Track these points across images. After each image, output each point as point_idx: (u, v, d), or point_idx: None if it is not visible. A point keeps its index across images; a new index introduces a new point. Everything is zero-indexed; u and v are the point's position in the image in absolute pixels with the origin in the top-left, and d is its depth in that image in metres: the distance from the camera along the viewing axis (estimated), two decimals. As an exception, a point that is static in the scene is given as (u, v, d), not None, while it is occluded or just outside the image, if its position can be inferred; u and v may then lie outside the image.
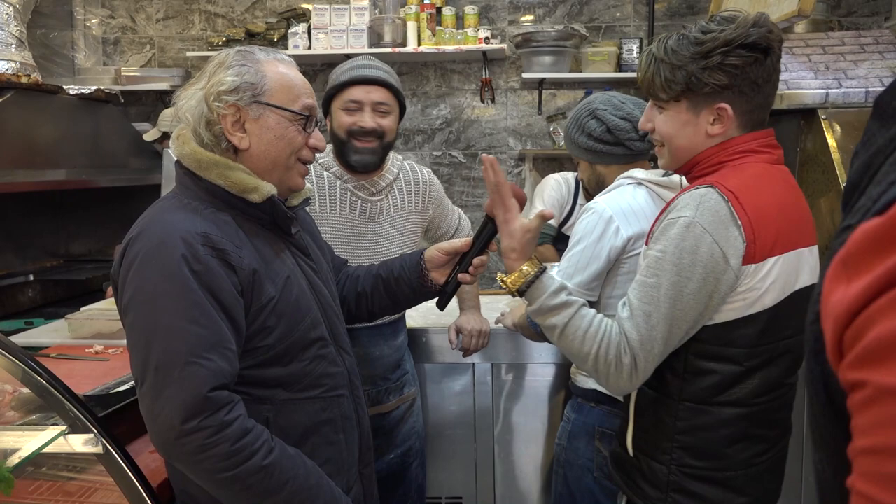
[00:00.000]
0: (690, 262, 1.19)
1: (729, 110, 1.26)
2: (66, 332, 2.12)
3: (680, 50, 1.26)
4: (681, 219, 1.21)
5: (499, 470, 2.26)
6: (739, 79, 1.24)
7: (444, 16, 3.71)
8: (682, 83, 1.26)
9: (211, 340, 1.10)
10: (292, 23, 3.69)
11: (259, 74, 1.23)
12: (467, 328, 2.03)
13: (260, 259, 1.21)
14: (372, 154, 1.78)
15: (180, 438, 1.05)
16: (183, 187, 1.25)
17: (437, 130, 3.96)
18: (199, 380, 1.06)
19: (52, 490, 1.48)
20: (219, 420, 1.06)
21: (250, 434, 1.10)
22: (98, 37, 3.95)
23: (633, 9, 3.82)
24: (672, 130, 1.32)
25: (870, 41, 2.53)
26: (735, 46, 1.22)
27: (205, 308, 1.10)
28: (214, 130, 1.22)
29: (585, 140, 1.78)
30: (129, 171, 3.53)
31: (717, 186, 1.22)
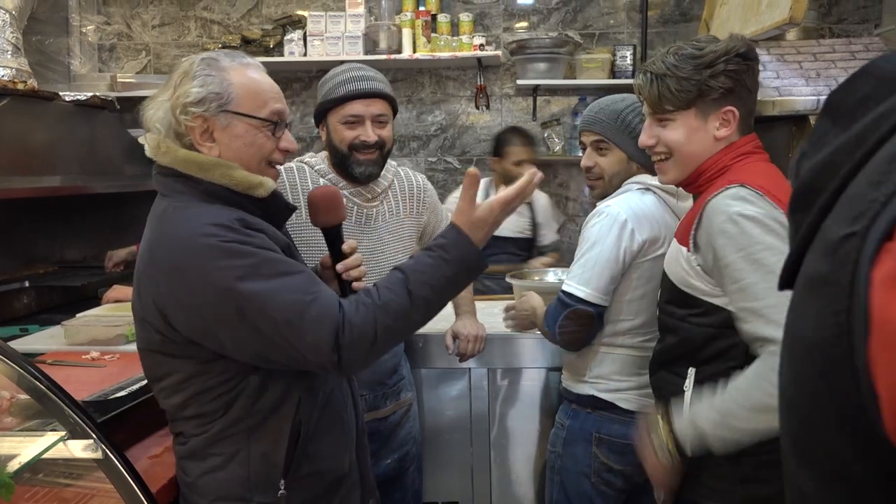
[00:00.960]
0: (773, 238, 1.25)
1: (736, 112, 1.38)
2: (62, 338, 2.12)
3: (681, 63, 1.38)
4: (731, 214, 1.28)
5: (495, 474, 2.26)
6: (739, 84, 1.37)
7: (438, 23, 3.73)
8: (693, 91, 1.36)
9: (310, 277, 1.19)
10: (288, 30, 3.70)
11: (225, 83, 1.22)
12: (463, 333, 2.04)
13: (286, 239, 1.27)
14: (374, 165, 1.80)
15: (342, 359, 1.14)
16: (177, 194, 1.22)
17: (433, 137, 3.98)
18: (328, 304, 1.15)
19: (48, 496, 1.48)
20: (351, 321, 1.15)
21: (360, 303, 1.18)
22: (94, 43, 3.95)
23: (627, 16, 3.85)
24: (682, 138, 1.40)
25: (860, 48, 2.56)
26: (733, 55, 1.36)
27: (285, 260, 1.18)
28: (184, 141, 1.22)
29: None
30: (125, 178, 3.53)
31: (746, 184, 1.31)
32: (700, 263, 1.36)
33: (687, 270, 1.38)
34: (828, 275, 0.43)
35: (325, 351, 1.13)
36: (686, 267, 1.38)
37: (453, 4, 3.88)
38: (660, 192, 1.71)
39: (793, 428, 0.49)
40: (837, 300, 0.41)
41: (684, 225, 1.42)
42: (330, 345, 1.13)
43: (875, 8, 3.67)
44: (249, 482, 1.24)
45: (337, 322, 1.13)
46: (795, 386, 0.47)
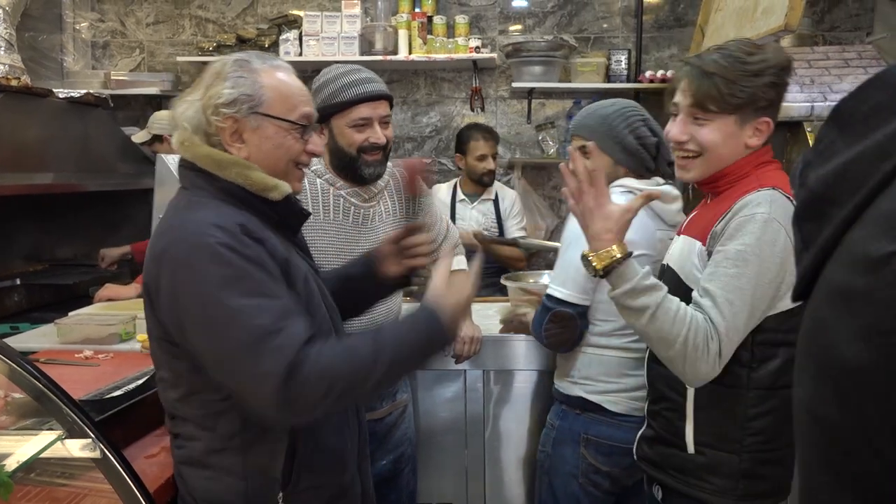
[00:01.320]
0: (770, 253, 1.29)
1: (771, 124, 1.40)
2: (55, 336, 2.10)
3: (730, 65, 1.36)
4: (757, 214, 1.30)
5: (489, 476, 2.27)
6: (777, 98, 1.40)
7: (434, 24, 3.73)
8: (743, 97, 1.35)
9: (286, 307, 1.14)
10: (283, 29, 3.70)
11: (256, 85, 1.22)
12: (459, 334, 2.04)
13: (284, 255, 1.24)
14: (381, 165, 1.82)
15: (290, 400, 1.09)
16: (195, 188, 1.25)
17: (427, 138, 3.98)
18: (291, 341, 1.10)
19: (40, 496, 1.47)
20: (312, 362, 1.10)
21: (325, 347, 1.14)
22: (87, 40, 3.93)
23: (622, 21, 3.87)
24: (718, 140, 1.40)
25: (853, 56, 2.59)
26: (780, 70, 1.38)
27: (268, 283, 1.14)
28: (212, 141, 1.23)
29: (633, 142, 1.77)
30: (118, 176, 3.51)
31: (779, 189, 1.34)
32: (709, 251, 1.38)
33: (696, 265, 1.39)
34: (869, 292, 0.42)
35: (272, 385, 1.08)
36: (697, 262, 1.39)
37: (449, 6, 3.89)
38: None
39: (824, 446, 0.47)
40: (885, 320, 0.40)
41: (703, 223, 1.42)
42: (278, 380, 1.08)
43: (867, 16, 3.71)
44: (247, 495, 1.23)
45: (290, 363, 1.08)
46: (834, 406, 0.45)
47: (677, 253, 1.48)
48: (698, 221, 1.46)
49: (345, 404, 1.22)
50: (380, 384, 1.18)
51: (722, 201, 1.42)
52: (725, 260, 1.31)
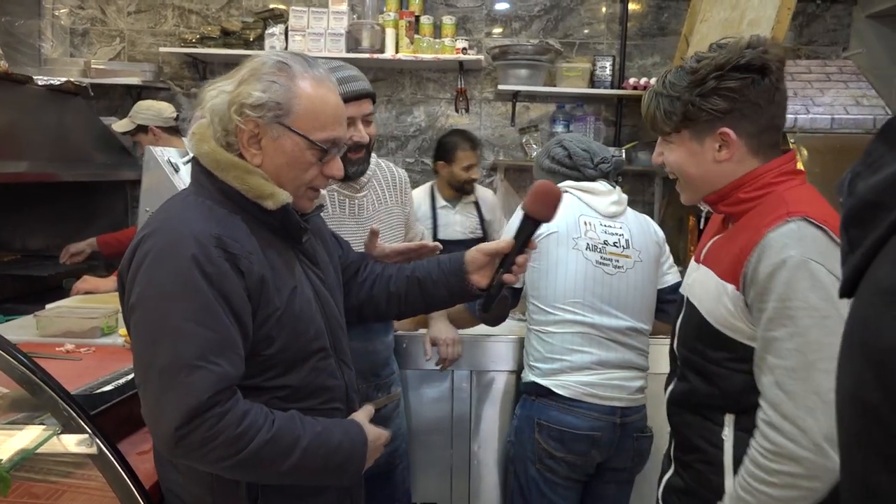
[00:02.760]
0: (817, 298, 1.14)
1: (732, 135, 1.24)
2: (34, 329, 2.05)
3: (677, 81, 1.27)
4: (788, 260, 1.16)
5: (474, 476, 2.27)
6: (739, 102, 1.22)
7: (421, 24, 3.73)
8: (679, 113, 1.26)
9: (220, 344, 1.08)
10: (269, 23, 3.66)
11: (289, 94, 1.17)
12: (442, 338, 2.05)
13: (268, 266, 1.19)
14: (364, 162, 1.84)
15: (183, 439, 1.04)
16: (198, 185, 1.22)
17: (411, 137, 3.98)
18: (204, 384, 1.04)
19: (18, 491, 1.43)
20: (217, 412, 1.05)
21: (250, 414, 1.09)
22: (66, 27, 3.84)
23: (607, 27, 3.92)
24: (680, 161, 1.32)
25: (834, 70, 2.65)
26: (728, 69, 1.21)
27: (214, 311, 1.08)
28: (230, 138, 1.19)
29: (549, 163, 2.04)
30: (95, 166, 3.44)
31: (806, 217, 1.18)
32: (748, 302, 1.23)
33: (731, 311, 1.25)
34: None
35: (166, 423, 1.04)
36: (731, 307, 1.24)
37: (436, 7, 3.89)
38: (572, 191, 1.97)
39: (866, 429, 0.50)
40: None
41: (729, 259, 1.27)
42: (176, 420, 1.03)
43: (843, 31, 3.80)
44: None
45: (200, 404, 1.04)
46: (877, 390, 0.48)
47: (699, 287, 1.35)
48: (720, 253, 1.32)
49: (237, 475, 1.15)
50: (283, 474, 1.14)
51: (744, 229, 1.27)
52: (770, 322, 1.17)
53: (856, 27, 3.75)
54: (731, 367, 1.26)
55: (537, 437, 1.88)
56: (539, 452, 1.89)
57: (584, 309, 1.88)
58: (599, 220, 1.95)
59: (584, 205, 1.97)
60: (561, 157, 2.03)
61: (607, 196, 1.98)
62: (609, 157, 2.02)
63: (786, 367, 1.15)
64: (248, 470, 1.12)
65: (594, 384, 1.86)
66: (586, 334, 1.88)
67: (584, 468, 1.90)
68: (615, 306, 1.90)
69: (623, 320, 1.90)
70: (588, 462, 1.89)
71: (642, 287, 1.94)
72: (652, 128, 1.35)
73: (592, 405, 1.85)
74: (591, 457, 1.88)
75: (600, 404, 1.86)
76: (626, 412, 1.89)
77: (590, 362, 1.87)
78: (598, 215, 1.96)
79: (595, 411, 1.85)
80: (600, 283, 1.89)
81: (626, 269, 1.92)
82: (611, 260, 1.91)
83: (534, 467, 1.90)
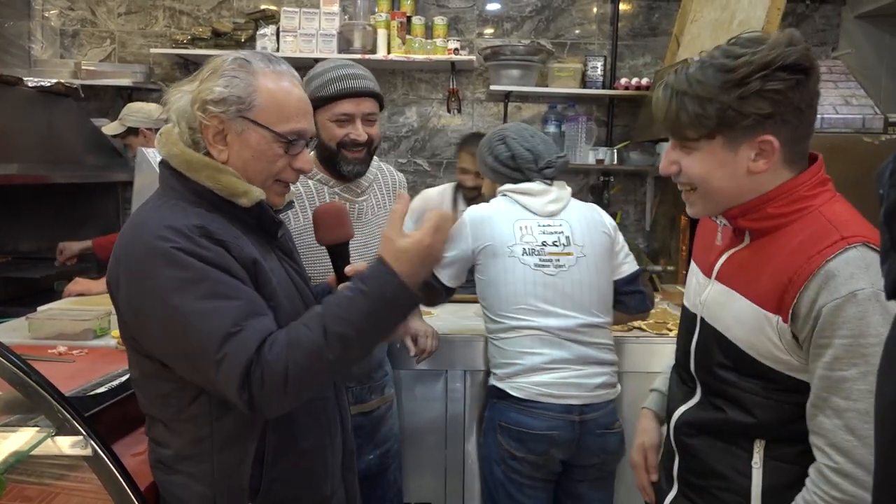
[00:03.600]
0: (875, 339, 1.03)
1: (775, 143, 1.10)
2: (26, 331, 2.04)
3: (707, 80, 1.11)
4: (859, 293, 1.04)
5: (468, 476, 2.28)
6: (782, 105, 1.09)
7: (413, 25, 3.73)
8: (714, 118, 1.11)
9: (246, 309, 1.09)
10: (261, 24, 3.65)
11: (250, 88, 1.18)
12: (422, 331, 2.05)
13: (257, 252, 1.20)
14: (362, 163, 1.82)
15: (251, 400, 1.06)
16: (168, 188, 1.21)
17: (403, 138, 3.98)
18: (248, 345, 1.06)
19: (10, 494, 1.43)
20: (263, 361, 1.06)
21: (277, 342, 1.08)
22: (56, 28, 3.82)
23: (598, 28, 3.93)
24: (706, 173, 1.16)
25: (824, 70, 2.67)
26: (775, 69, 1.07)
27: (229, 282, 1.10)
28: (195, 137, 1.20)
29: (492, 161, 2.02)
30: (86, 168, 3.43)
31: (866, 242, 1.07)
32: (794, 334, 1.11)
33: (776, 343, 1.13)
34: None
35: (233, 390, 1.06)
36: (775, 339, 1.13)
37: (428, 7, 3.89)
38: (510, 194, 1.99)
39: None
40: None
41: (770, 285, 1.14)
42: (236, 385, 1.05)
43: (832, 32, 3.83)
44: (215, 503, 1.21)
45: (248, 361, 1.05)
46: None
47: (721, 309, 1.23)
48: (747, 273, 1.19)
49: (313, 387, 1.15)
50: (341, 359, 1.11)
51: (782, 250, 1.14)
52: (837, 360, 1.06)
53: (845, 27, 3.78)
54: (773, 398, 1.16)
55: (499, 438, 1.91)
56: (502, 453, 1.91)
57: (528, 314, 1.89)
58: (537, 222, 1.95)
59: (521, 207, 1.97)
60: (504, 158, 2.00)
61: (544, 195, 1.98)
62: (554, 161, 1.99)
63: (858, 410, 1.05)
64: (312, 376, 1.11)
65: (548, 384, 1.87)
66: (536, 336, 1.89)
67: (547, 467, 1.91)
68: (561, 306, 1.90)
69: (573, 318, 1.90)
70: (550, 461, 1.90)
71: (589, 281, 1.93)
72: (673, 132, 1.18)
73: (548, 405, 1.86)
74: (551, 455, 1.89)
75: (556, 403, 1.86)
76: (586, 409, 1.89)
77: (542, 363, 1.88)
78: (535, 216, 1.95)
79: (551, 410, 1.86)
80: (542, 285, 1.89)
81: (568, 267, 1.92)
82: (551, 260, 1.91)
83: (499, 468, 1.92)
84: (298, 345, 1.08)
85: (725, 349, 1.20)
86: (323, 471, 1.31)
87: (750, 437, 1.19)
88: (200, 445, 1.19)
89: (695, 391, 1.30)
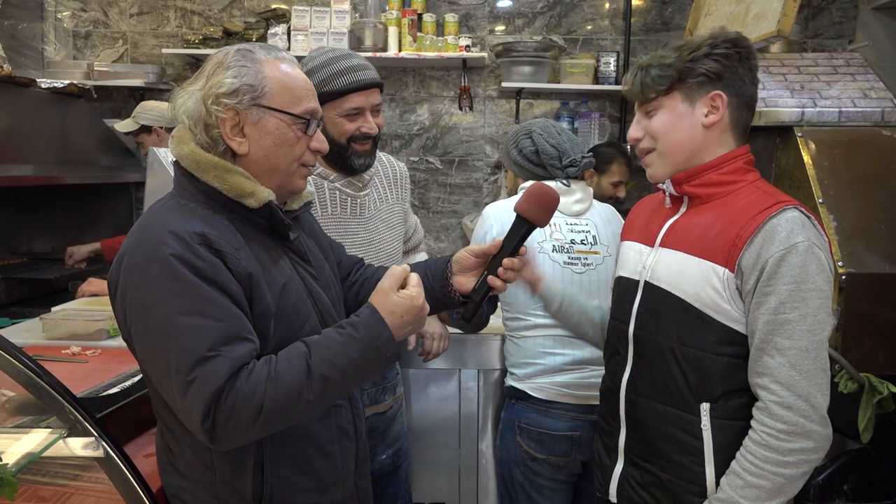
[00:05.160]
0: (823, 280, 1.22)
1: (724, 98, 1.31)
2: (40, 332, 2.05)
3: (666, 53, 1.35)
4: (799, 245, 1.22)
5: (482, 476, 2.26)
6: (729, 70, 1.31)
7: (424, 22, 3.72)
8: (671, 76, 1.32)
9: (228, 333, 1.07)
10: (272, 23, 3.65)
11: (259, 76, 1.18)
12: (429, 331, 2.03)
13: (257, 262, 1.18)
14: (371, 155, 1.79)
15: (213, 429, 1.04)
16: (180, 188, 1.22)
17: (415, 136, 3.97)
18: (220, 372, 1.04)
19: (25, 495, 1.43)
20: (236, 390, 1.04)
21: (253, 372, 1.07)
22: (69, 30, 3.84)
23: (611, 23, 3.89)
24: (667, 126, 1.35)
25: (841, 63, 2.63)
26: (720, 41, 1.33)
27: (217, 301, 1.08)
28: (212, 134, 1.19)
29: (516, 155, 2.01)
30: (99, 169, 3.44)
31: (798, 207, 1.27)
32: (738, 286, 1.27)
33: (720, 292, 1.28)
34: None
35: (196, 417, 1.04)
36: (720, 288, 1.27)
37: (439, 5, 3.87)
38: None
39: None
40: None
41: (718, 242, 1.30)
42: (201, 411, 1.03)
43: (849, 24, 3.78)
44: None
45: (218, 390, 1.03)
46: None
47: (667, 270, 1.36)
48: (692, 236, 1.34)
49: (279, 427, 1.12)
50: (319, 400, 1.10)
51: (726, 213, 1.31)
52: (782, 305, 1.21)
53: (861, 19, 3.72)
54: (713, 351, 1.28)
55: (519, 440, 1.89)
56: (522, 455, 1.89)
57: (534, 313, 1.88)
58: (565, 220, 1.94)
59: None
60: (528, 152, 1.98)
61: (570, 195, 1.96)
62: (578, 160, 1.97)
63: (800, 348, 1.20)
64: (286, 414, 1.09)
65: (569, 384, 1.86)
66: (558, 336, 1.87)
67: (568, 469, 1.89)
68: None
69: None
70: (571, 462, 1.88)
71: (609, 281, 1.89)
72: (636, 98, 1.38)
73: (569, 405, 1.85)
74: (573, 457, 1.87)
75: (577, 404, 1.86)
76: None
77: (563, 363, 1.86)
78: (563, 215, 1.94)
79: (572, 411, 1.85)
80: (569, 283, 1.88)
81: (595, 266, 1.91)
82: (579, 259, 1.90)
83: (518, 470, 1.90)
84: (278, 380, 1.06)
85: (670, 305, 1.33)
86: (333, 477, 1.29)
87: (695, 398, 1.30)
88: (203, 452, 1.19)
89: (626, 358, 1.43)
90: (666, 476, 1.35)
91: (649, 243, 1.44)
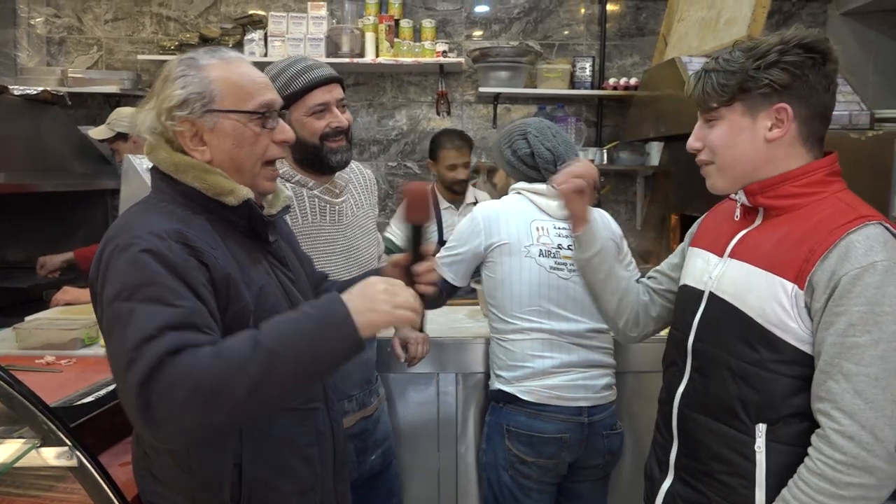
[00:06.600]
0: (890, 309, 1.10)
1: (789, 111, 1.20)
2: (13, 342, 2.03)
3: (732, 58, 1.23)
4: (878, 264, 1.11)
5: (462, 480, 2.27)
6: (798, 80, 1.19)
7: (401, 28, 3.73)
8: (734, 85, 1.21)
9: (181, 318, 1.02)
10: (248, 29, 3.65)
11: (205, 81, 1.18)
12: (412, 337, 2.04)
13: (234, 264, 1.17)
14: (346, 151, 1.79)
15: (150, 406, 0.96)
16: (158, 192, 1.22)
17: (393, 141, 3.98)
18: (161, 348, 0.97)
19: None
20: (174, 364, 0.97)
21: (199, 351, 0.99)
22: (42, 36, 3.81)
23: (586, 28, 3.94)
24: (726, 140, 1.25)
25: (810, 67, 2.67)
26: (793, 45, 1.19)
27: (177, 290, 1.04)
28: (176, 147, 1.19)
29: (510, 155, 1.98)
30: (74, 176, 3.41)
31: (882, 223, 1.16)
32: (807, 304, 1.17)
33: (787, 310, 1.18)
34: None
35: (132, 396, 0.96)
36: (787, 305, 1.18)
37: (416, 10, 3.89)
38: (525, 193, 1.97)
39: None
40: None
41: (789, 256, 1.20)
42: (136, 385, 0.95)
43: (819, 29, 3.85)
44: None
45: (154, 362, 0.96)
46: None
47: (733, 282, 1.28)
48: (763, 248, 1.25)
49: (222, 408, 0.99)
50: (263, 378, 0.99)
51: (801, 226, 1.21)
52: (852, 327, 1.11)
53: (831, 24, 3.80)
54: (774, 370, 1.20)
55: (507, 443, 1.89)
56: (510, 459, 1.89)
57: (540, 316, 1.89)
58: (553, 224, 1.93)
59: (536, 208, 1.95)
60: (523, 154, 1.96)
61: (559, 198, 1.97)
62: None
63: (868, 375, 1.10)
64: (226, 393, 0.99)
65: (558, 386, 1.87)
66: (546, 340, 1.88)
67: (556, 471, 1.91)
68: (572, 310, 1.90)
69: (582, 323, 1.90)
70: (559, 464, 1.90)
71: None
72: (699, 104, 1.28)
73: (559, 407, 1.86)
74: (561, 459, 1.89)
75: (566, 406, 1.86)
76: (593, 411, 1.89)
77: (552, 366, 1.87)
78: (551, 218, 1.93)
79: (562, 413, 1.86)
80: (555, 288, 1.89)
81: None
82: (565, 264, 1.90)
83: (506, 474, 1.90)
84: (220, 354, 1.00)
85: (733, 320, 1.25)
86: (312, 481, 1.29)
87: (751, 419, 1.22)
88: (181, 456, 1.18)
89: (684, 370, 1.35)
90: (714, 496, 1.27)
91: (719, 252, 1.35)
